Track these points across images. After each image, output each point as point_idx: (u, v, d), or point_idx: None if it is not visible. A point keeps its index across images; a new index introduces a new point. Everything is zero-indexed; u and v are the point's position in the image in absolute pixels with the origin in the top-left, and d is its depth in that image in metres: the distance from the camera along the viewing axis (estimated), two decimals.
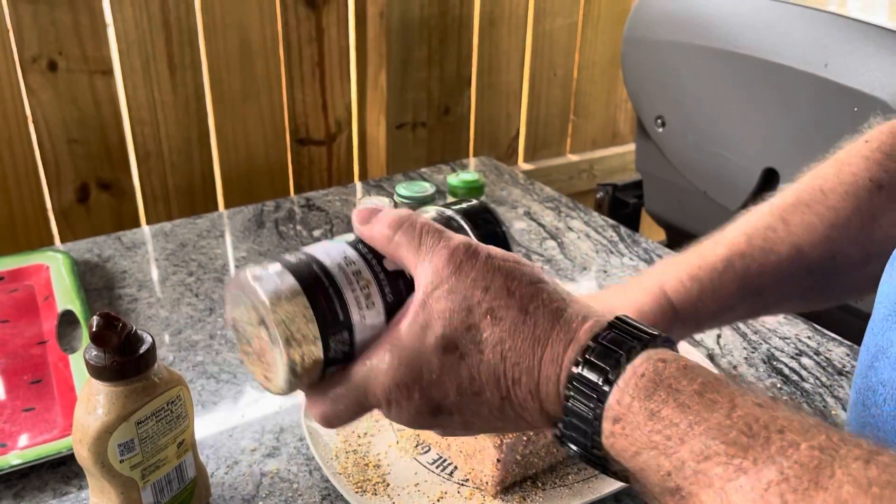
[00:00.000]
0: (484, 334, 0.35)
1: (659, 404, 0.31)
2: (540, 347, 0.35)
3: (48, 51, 1.01)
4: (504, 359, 0.35)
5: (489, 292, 0.35)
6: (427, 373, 0.36)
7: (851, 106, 0.81)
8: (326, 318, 0.36)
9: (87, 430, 0.48)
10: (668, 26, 1.00)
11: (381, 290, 0.37)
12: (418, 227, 0.37)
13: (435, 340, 0.36)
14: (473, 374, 0.36)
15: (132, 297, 0.82)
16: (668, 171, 1.07)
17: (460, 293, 0.35)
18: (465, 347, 0.35)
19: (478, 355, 0.35)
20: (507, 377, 0.35)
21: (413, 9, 1.24)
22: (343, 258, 0.37)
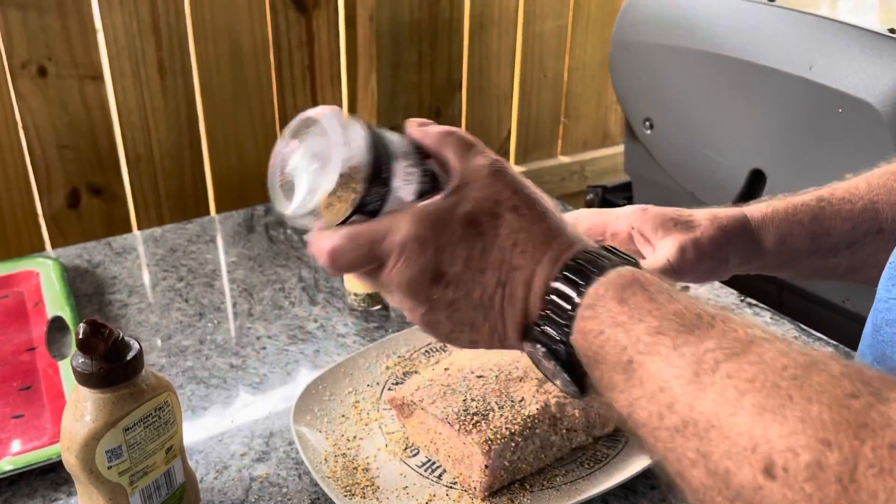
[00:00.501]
0: (505, 221, 0.40)
1: (629, 294, 0.36)
2: (545, 246, 0.40)
3: (38, 56, 1.01)
4: (515, 245, 0.40)
5: (517, 194, 0.41)
6: (446, 235, 0.40)
7: (836, 107, 0.81)
8: (376, 168, 0.40)
9: (75, 436, 0.49)
10: (655, 29, 1.00)
11: (421, 177, 0.42)
12: (466, 138, 0.43)
13: (463, 213, 0.40)
14: (486, 249, 0.40)
15: (122, 302, 0.82)
16: (657, 172, 1.07)
17: (494, 188, 0.41)
18: (485, 226, 0.40)
19: (494, 236, 0.40)
20: (512, 262, 0.40)
21: (403, 12, 1.24)
22: (399, 141, 0.42)
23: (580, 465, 0.60)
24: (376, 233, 0.40)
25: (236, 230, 0.98)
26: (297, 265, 0.90)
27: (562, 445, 0.60)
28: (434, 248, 0.39)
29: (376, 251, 0.40)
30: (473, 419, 0.57)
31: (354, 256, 0.40)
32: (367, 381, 0.69)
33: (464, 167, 0.41)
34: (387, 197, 0.41)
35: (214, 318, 0.79)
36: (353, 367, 0.70)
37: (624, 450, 0.61)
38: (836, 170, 0.84)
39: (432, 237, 0.39)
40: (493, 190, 0.40)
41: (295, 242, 0.95)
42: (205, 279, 0.87)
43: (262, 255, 0.92)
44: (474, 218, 0.40)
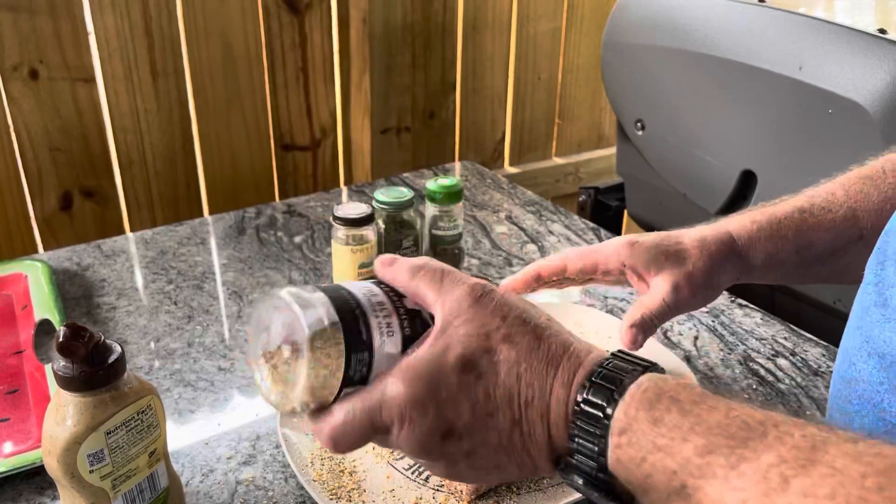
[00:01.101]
0: (501, 356, 0.37)
1: (662, 412, 0.33)
2: (552, 370, 0.37)
3: (29, 59, 1.01)
4: (519, 379, 0.37)
5: (506, 320, 0.38)
6: (445, 389, 0.37)
7: (826, 108, 0.81)
8: (352, 335, 0.38)
9: (56, 441, 0.48)
10: (646, 30, 1.00)
11: (401, 322, 0.40)
12: (439, 269, 0.41)
13: (454, 360, 0.37)
14: (489, 392, 0.37)
15: (111, 305, 0.82)
16: (649, 173, 1.07)
17: (479, 320, 0.38)
18: (482, 367, 0.37)
19: (494, 375, 0.37)
20: (521, 397, 0.37)
21: (396, 14, 1.24)
22: (368, 290, 0.40)
23: None
24: (372, 405, 0.38)
25: (227, 232, 0.98)
26: (288, 267, 0.90)
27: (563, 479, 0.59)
28: (434, 406, 0.37)
29: (377, 423, 0.38)
30: None
31: (356, 436, 0.38)
32: None
33: (443, 303, 0.39)
34: (371, 360, 0.38)
35: (203, 321, 0.79)
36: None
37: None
38: (827, 170, 0.84)
39: (430, 396, 0.37)
40: (480, 322, 0.38)
41: (285, 245, 0.95)
42: (194, 281, 0.87)
43: (252, 257, 0.92)
44: (467, 361, 0.37)
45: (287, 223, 1.01)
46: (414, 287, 0.40)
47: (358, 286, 0.40)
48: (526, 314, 0.39)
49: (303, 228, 0.99)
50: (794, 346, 0.77)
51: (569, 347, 0.38)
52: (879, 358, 0.43)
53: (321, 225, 1.00)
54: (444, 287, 0.39)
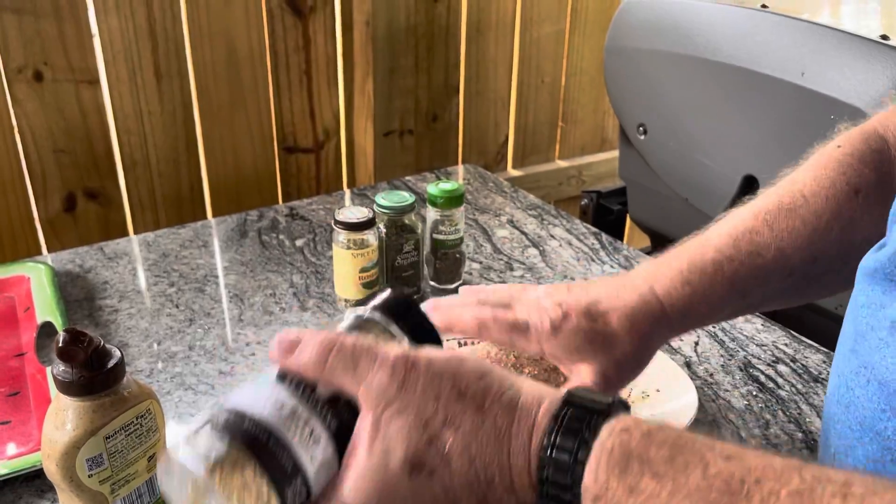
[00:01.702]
0: (447, 445, 0.34)
1: (636, 477, 0.31)
2: (505, 442, 0.34)
3: (34, 61, 1.01)
4: (472, 462, 0.34)
5: (441, 400, 0.35)
6: (400, 501, 0.34)
7: (828, 113, 0.81)
8: (277, 474, 0.33)
9: (56, 445, 0.49)
10: (648, 35, 1.00)
11: (323, 420, 0.35)
12: (349, 349, 0.36)
13: (400, 465, 0.34)
14: (447, 486, 0.34)
15: (112, 307, 0.82)
16: (651, 178, 1.07)
17: (412, 408, 0.35)
18: (431, 463, 0.34)
19: (446, 468, 0.34)
20: (481, 480, 0.34)
21: (399, 17, 1.24)
22: (274, 402, 0.35)
23: None
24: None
25: (229, 235, 0.99)
26: (289, 271, 0.90)
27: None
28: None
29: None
30: None
31: None
32: None
33: (366, 395, 0.35)
34: (307, 481, 0.34)
35: (205, 324, 0.80)
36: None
37: None
38: None
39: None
40: (413, 411, 0.34)
41: (287, 248, 0.96)
42: (196, 284, 0.87)
43: (254, 260, 0.92)
44: (415, 462, 0.34)
45: (289, 226, 1.01)
46: (328, 377, 0.36)
47: (261, 402, 0.35)
48: (460, 383, 0.35)
49: (305, 232, 1.00)
50: (795, 353, 0.76)
51: (514, 409, 0.35)
52: (880, 385, 0.42)
53: (323, 228, 1.01)
54: (359, 372, 0.35)
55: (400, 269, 0.83)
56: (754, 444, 0.64)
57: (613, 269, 0.91)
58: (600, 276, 0.87)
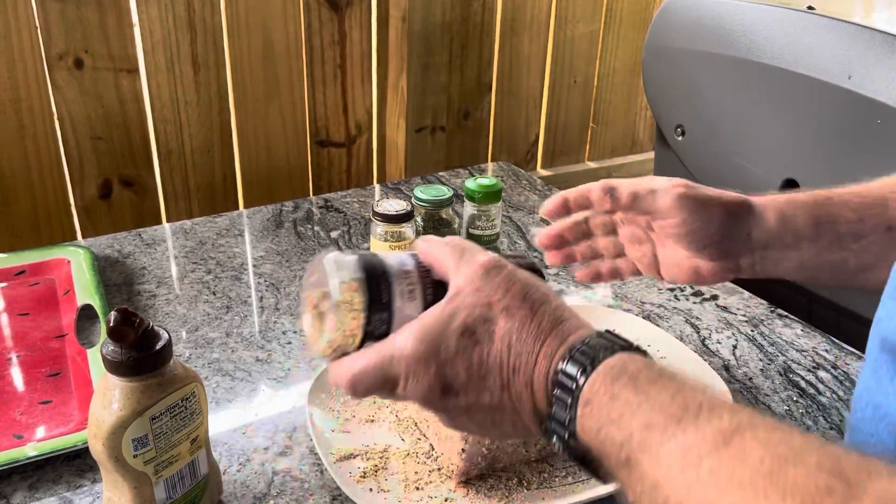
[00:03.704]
0: (497, 326, 0.41)
1: (620, 388, 0.37)
2: (539, 343, 0.41)
3: (74, 48, 1.02)
4: (509, 348, 0.41)
5: (508, 293, 0.42)
6: (444, 351, 0.41)
7: (874, 118, 0.80)
8: (373, 297, 0.43)
9: (102, 424, 0.49)
10: (689, 35, 0.99)
11: (424, 290, 0.45)
12: (461, 245, 0.45)
13: (457, 326, 0.42)
14: (483, 358, 0.41)
15: (150, 293, 0.83)
16: (687, 179, 1.06)
17: (484, 292, 0.42)
18: (480, 335, 0.42)
19: (489, 343, 0.41)
20: (509, 366, 0.41)
21: (435, 13, 1.24)
22: (399, 261, 0.46)
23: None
24: (384, 358, 0.42)
25: (265, 225, 0.99)
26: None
27: (546, 443, 0.59)
28: (436, 364, 0.41)
29: (388, 375, 0.42)
30: None
31: (368, 385, 0.43)
32: None
33: (457, 274, 0.43)
34: (391, 320, 0.44)
35: (241, 312, 0.80)
36: None
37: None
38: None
39: (432, 354, 0.41)
40: (485, 293, 0.42)
41: (322, 239, 0.96)
42: (233, 272, 0.87)
43: (289, 250, 0.93)
44: (468, 328, 0.41)
45: (324, 218, 1.01)
46: (439, 260, 0.45)
47: (393, 256, 0.46)
48: (528, 290, 0.42)
49: (339, 223, 1.00)
50: (836, 360, 0.75)
51: (559, 324, 0.41)
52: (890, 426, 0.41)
53: (357, 221, 1.01)
54: (462, 260, 0.44)
55: None
56: None
57: None
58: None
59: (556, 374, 0.39)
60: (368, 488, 0.57)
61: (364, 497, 0.56)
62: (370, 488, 0.57)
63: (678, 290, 0.87)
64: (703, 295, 0.86)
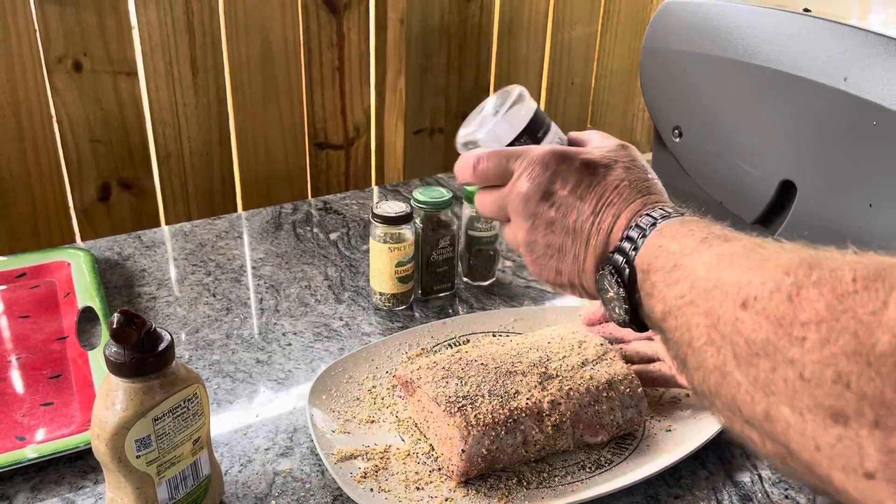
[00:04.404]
0: (615, 171, 0.50)
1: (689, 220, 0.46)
2: (641, 194, 0.49)
3: (74, 51, 1.02)
4: (616, 187, 0.49)
5: (634, 161, 0.52)
6: (565, 165, 0.50)
7: (871, 120, 0.80)
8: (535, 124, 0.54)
9: (105, 425, 0.49)
10: (687, 37, 1.00)
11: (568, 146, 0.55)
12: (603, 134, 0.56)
13: (584, 157, 0.51)
14: (592, 184, 0.49)
15: (151, 295, 0.83)
16: (685, 181, 1.06)
17: (617, 153, 0.52)
18: (598, 169, 0.50)
19: (602, 178, 0.50)
20: (608, 199, 0.49)
21: (433, 16, 1.24)
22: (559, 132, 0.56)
23: (581, 469, 0.60)
24: (512, 153, 0.51)
25: (264, 227, 0.99)
26: (324, 263, 0.90)
27: (545, 444, 0.59)
28: (552, 171, 0.50)
29: (510, 166, 0.51)
30: (460, 403, 0.58)
31: (488, 166, 0.52)
32: (386, 367, 0.70)
33: (595, 144, 0.54)
34: (548, 132, 0.55)
35: (241, 314, 0.80)
36: (375, 353, 0.71)
37: (629, 458, 0.61)
38: (869, 182, 0.83)
39: (553, 163, 0.50)
40: (616, 154, 0.51)
41: (321, 241, 0.96)
42: (232, 274, 0.88)
43: (289, 252, 0.93)
44: (592, 163, 0.50)
45: (323, 220, 1.02)
46: (586, 136, 0.56)
47: (556, 127, 0.56)
48: (649, 168, 0.52)
49: (338, 225, 1.00)
50: None
51: (661, 193, 0.50)
52: None
53: (356, 222, 1.01)
54: (608, 139, 0.55)
55: (435, 265, 0.83)
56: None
57: None
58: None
59: (642, 216, 0.47)
60: (369, 488, 0.57)
61: (365, 497, 0.56)
62: (370, 488, 0.57)
63: None
64: None
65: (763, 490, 0.59)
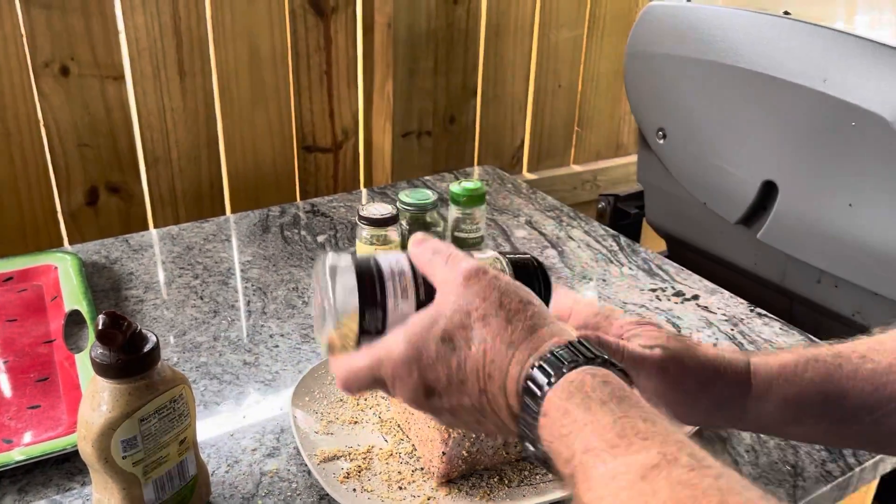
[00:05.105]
0: (474, 333, 0.43)
1: (573, 405, 0.38)
2: (512, 351, 0.42)
3: (61, 56, 1.03)
4: (484, 355, 0.43)
5: (486, 301, 0.44)
6: (426, 357, 0.44)
7: (849, 120, 0.82)
8: (366, 296, 0.46)
9: (92, 426, 0.50)
10: (670, 40, 1.01)
11: (417, 289, 0.47)
12: (450, 252, 0.47)
13: (437, 332, 0.44)
14: (461, 364, 0.43)
15: (138, 298, 0.83)
16: (669, 182, 1.08)
17: (465, 299, 0.44)
18: (458, 341, 0.44)
19: (466, 350, 0.43)
20: (485, 372, 0.43)
21: (420, 19, 1.25)
22: (395, 260, 0.48)
23: None
24: (374, 362, 0.45)
25: (251, 230, 1.00)
26: (311, 265, 0.91)
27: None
28: (418, 368, 0.44)
29: (377, 376, 0.45)
30: None
31: (360, 385, 0.46)
32: None
33: (442, 281, 0.45)
34: (386, 318, 0.46)
35: (228, 316, 0.81)
36: None
37: None
38: (849, 182, 0.84)
39: (415, 359, 0.44)
40: (465, 301, 0.44)
41: (309, 244, 0.97)
42: (220, 277, 0.88)
43: (276, 254, 0.93)
44: (448, 334, 0.43)
45: (310, 222, 1.02)
46: (427, 265, 0.47)
47: (388, 257, 0.48)
48: (506, 296, 0.44)
49: (326, 228, 1.01)
50: None
51: (533, 332, 0.43)
52: None
53: (344, 225, 1.01)
54: (447, 267, 0.46)
55: None
56: (773, 444, 0.64)
57: (632, 270, 0.92)
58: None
59: (526, 382, 0.41)
60: (352, 488, 0.58)
61: (348, 497, 0.57)
62: (353, 488, 0.58)
63: (660, 290, 0.88)
64: (685, 295, 0.87)
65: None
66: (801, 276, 0.94)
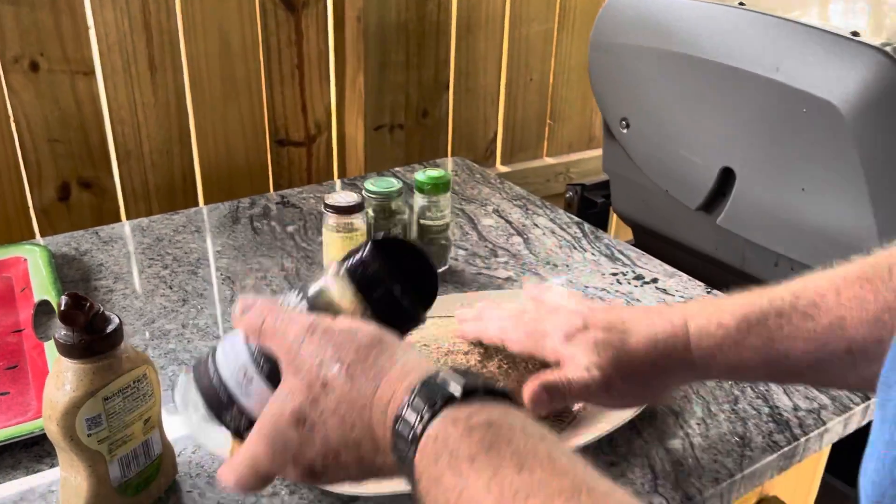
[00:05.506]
0: (323, 405, 0.41)
1: (440, 469, 0.36)
2: (367, 412, 0.40)
3: (30, 51, 1.03)
4: (343, 423, 0.40)
5: (322, 366, 0.41)
6: (289, 447, 0.41)
7: (801, 107, 0.84)
8: (214, 406, 0.47)
9: (56, 405, 0.51)
10: (631, 31, 1.03)
11: (258, 366, 0.46)
12: (276, 316, 0.44)
13: (290, 415, 0.41)
14: (326, 439, 0.41)
15: (108, 288, 0.84)
16: (633, 171, 1.10)
17: (302, 370, 0.41)
18: (311, 419, 0.41)
19: (323, 424, 0.41)
20: (352, 440, 0.40)
21: (390, 13, 1.27)
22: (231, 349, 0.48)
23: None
24: (251, 461, 0.42)
25: (222, 221, 1.01)
26: (280, 255, 0.92)
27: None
28: (290, 461, 0.41)
29: (261, 475, 0.43)
30: None
31: (253, 485, 0.43)
32: None
33: (277, 351, 0.43)
34: (243, 410, 0.46)
35: (198, 305, 0.82)
36: None
37: (567, 429, 0.63)
38: (801, 168, 0.87)
39: (280, 453, 0.41)
40: (302, 372, 0.41)
41: (278, 234, 0.98)
42: (189, 267, 0.89)
43: (245, 244, 0.95)
44: (299, 416, 0.41)
45: (280, 213, 1.04)
46: (262, 341, 0.45)
47: (225, 347, 0.48)
48: (341, 350, 0.41)
49: (296, 218, 1.02)
50: None
51: (380, 381, 0.40)
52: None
53: (313, 215, 1.03)
54: (276, 338, 0.43)
55: None
56: (722, 417, 0.67)
57: (595, 256, 0.94)
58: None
59: (394, 444, 0.38)
60: None
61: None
62: None
63: (620, 274, 0.90)
64: (644, 279, 0.90)
65: (694, 455, 0.62)
66: (759, 260, 0.97)
